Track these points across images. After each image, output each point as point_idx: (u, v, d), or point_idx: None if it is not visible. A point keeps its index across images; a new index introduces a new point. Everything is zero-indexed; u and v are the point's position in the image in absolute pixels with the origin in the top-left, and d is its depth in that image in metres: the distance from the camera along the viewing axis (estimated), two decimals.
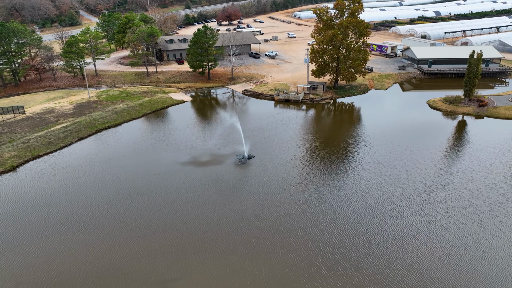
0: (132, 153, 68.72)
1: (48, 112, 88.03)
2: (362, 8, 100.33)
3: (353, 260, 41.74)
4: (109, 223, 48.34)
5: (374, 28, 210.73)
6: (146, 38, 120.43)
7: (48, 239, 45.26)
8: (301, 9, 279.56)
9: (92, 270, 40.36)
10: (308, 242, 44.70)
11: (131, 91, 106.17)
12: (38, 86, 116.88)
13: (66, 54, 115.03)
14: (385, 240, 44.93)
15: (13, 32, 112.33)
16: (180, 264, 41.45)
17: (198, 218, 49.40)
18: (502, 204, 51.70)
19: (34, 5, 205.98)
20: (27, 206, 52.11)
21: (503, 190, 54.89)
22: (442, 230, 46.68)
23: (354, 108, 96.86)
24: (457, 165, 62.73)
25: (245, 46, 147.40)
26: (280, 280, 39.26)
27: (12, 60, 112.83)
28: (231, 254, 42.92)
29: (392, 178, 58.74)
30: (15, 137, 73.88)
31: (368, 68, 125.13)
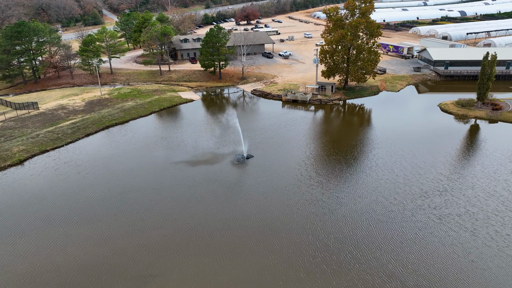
0: (133, 150, 70.26)
1: (60, 109, 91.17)
2: (373, 8, 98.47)
3: (334, 265, 41.27)
4: (99, 218, 49.65)
5: (394, 28, 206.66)
6: (159, 37, 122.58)
7: (38, 232, 46.91)
8: (321, 9, 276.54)
9: (76, 262, 41.67)
10: (291, 244, 44.50)
11: (142, 89, 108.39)
12: (56, 83, 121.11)
13: (82, 52, 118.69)
14: (370, 245, 44.15)
15: (33, 31, 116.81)
16: (162, 261, 42.15)
17: (185, 216, 50.05)
18: (500, 212, 49.77)
19: (59, 5, 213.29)
20: (23, 198, 54.21)
21: (504, 198, 52.81)
22: (431, 237, 45.44)
23: (362, 109, 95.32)
24: (459, 171, 60.78)
25: (258, 46, 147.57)
26: (256, 280, 39.30)
27: (32, 58, 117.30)
28: (213, 253, 43.27)
29: (389, 183, 57.56)
30: (26, 132, 76.94)
31: (381, 69, 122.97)
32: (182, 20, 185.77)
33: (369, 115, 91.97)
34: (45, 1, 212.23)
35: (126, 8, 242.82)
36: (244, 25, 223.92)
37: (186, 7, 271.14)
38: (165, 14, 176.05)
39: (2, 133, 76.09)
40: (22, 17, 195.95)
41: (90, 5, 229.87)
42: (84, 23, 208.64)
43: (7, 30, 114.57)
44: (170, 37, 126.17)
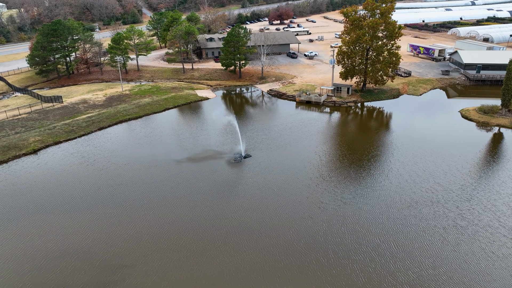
0: (136, 145, 73.06)
1: (82, 103, 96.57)
2: (393, 9, 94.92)
3: (295, 269, 40.82)
4: (86, 208, 52.27)
5: (432, 29, 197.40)
6: (183, 36, 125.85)
7: (25, 218, 50.16)
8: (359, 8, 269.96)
9: (54, 248, 44.38)
10: (260, 246, 44.51)
11: (162, 86, 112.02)
12: (86, 79, 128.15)
13: (111, 49, 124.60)
14: (339, 255, 43.01)
15: (68, 29, 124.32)
16: (136, 253, 43.75)
17: (168, 211, 51.47)
18: (493, 228, 46.62)
19: (102, 4, 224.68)
20: (22, 186, 58.18)
21: (501, 213, 49.38)
22: (405, 252, 43.52)
23: (376, 113, 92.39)
24: (459, 181, 57.44)
25: (283, 46, 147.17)
26: (216, 278, 39.83)
27: (66, 54, 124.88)
28: (185, 249, 44.28)
29: (379, 190, 55.69)
30: (45, 123, 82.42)
31: (406, 71, 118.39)
32: (214, 19, 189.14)
33: (383, 119, 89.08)
34: (90, 1, 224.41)
35: (164, 7, 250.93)
36: (277, 24, 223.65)
37: (222, 6, 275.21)
38: (197, 14, 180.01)
39: (25, 124, 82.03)
40: (67, 15, 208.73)
41: (131, 4, 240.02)
42: (123, 22, 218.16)
43: (44, 28, 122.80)
44: (194, 36, 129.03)
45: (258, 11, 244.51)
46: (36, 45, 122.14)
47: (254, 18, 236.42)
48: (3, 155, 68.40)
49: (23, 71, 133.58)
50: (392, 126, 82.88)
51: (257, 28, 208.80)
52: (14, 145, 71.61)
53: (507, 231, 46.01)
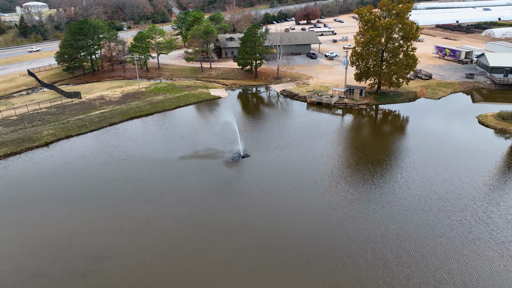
0: (140, 141, 75.23)
1: (99, 99, 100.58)
2: (409, 9, 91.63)
3: (266, 270, 40.73)
4: (79, 200, 54.50)
5: (465, 30, 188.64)
6: (202, 35, 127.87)
7: (22, 208, 52.93)
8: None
9: (41, 236, 46.72)
10: (235, 243, 44.75)
11: (177, 85, 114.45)
12: (109, 76, 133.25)
13: (133, 48, 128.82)
14: (302, 264, 42.46)
15: (93, 28, 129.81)
16: (116, 246, 45.25)
17: (154, 207, 52.65)
18: (479, 242, 44.23)
19: (133, 4, 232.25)
20: (28, 176, 61.67)
21: (494, 227, 46.72)
22: (382, 261, 42.25)
23: (387, 117, 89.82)
24: (458, 191, 54.81)
25: (304, 46, 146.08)
26: (194, 275, 40.49)
27: (91, 52, 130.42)
28: (163, 244, 45.29)
29: (365, 195, 54.31)
30: (60, 118, 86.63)
31: (427, 74, 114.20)
32: (239, 19, 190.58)
33: (393, 122, 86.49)
34: (122, 0, 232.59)
35: (193, 6, 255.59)
36: (304, 24, 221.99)
37: (251, 6, 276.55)
38: (221, 14, 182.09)
39: (42, 118, 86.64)
40: (101, 15, 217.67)
41: (161, 4, 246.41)
42: (153, 21, 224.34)
43: (72, 27, 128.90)
44: (213, 35, 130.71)
45: (286, 11, 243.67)
46: (64, 43, 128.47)
47: (281, 17, 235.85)
48: (17, 147, 72.70)
49: (53, 68, 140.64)
50: (401, 130, 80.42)
51: (283, 28, 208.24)
52: (28, 138, 75.88)
53: (496, 244, 43.57)
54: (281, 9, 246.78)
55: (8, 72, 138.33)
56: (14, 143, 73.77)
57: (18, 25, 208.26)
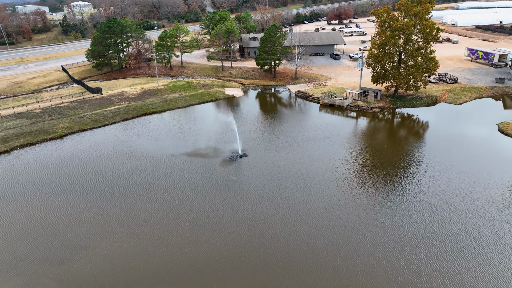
0: (145, 136, 77.56)
1: (118, 95, 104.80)
2: (429, 10, 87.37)
3: (228, 279, 40.87)
4: (73, 191, 57.21)
5: (508, 31, 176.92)
6: (223, 34, 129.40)
7: (19, 196, 56.43)
8: None
9: (29, 223, 49.62)
10: (208, 239, 45.20)
11: (195, 83, 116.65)
12: (135, 73, 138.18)
13: (157, 46, 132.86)
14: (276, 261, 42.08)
15: (121, 26, 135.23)
16: (98, 236, 47.21)
17: (141, 201, 54.23)
18: (451, 260, 41.74)
19: (168, 3, 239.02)
20: (35, 165, 65.55)
21: (478, 240, 43.83)
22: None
23: (400, 121, 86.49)
24: (454, 204, 51.86)
25: (328, 46, 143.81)
26: (167, 269, 41.52)
27: (118, 50, 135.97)
28: (143, 236, 46.67)
29: (348, 198, 52.74)
30: (78, 112, 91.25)
31: (453, 77, 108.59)
32: (268, 19, 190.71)
33: (405, 128, 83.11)
34: (158, 0, 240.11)
35: (227, 6, 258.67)
36: (335, 24, 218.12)
37: (285, 5, 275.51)
38: (251, 13, 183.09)
39: (62, 111, 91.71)
40: (137, 14, 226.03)
41: (195, 3, 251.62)
42: (186, 20, 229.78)
43: (101, 25, 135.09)
44: (234, 35, 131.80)
45: (318, 11, 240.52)
46: (94, 41, 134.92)
47: (313, 17, 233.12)
48: (33, 138, 77.50)
49: (85, 64, 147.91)
50: (409, 136, 77.21)
51: (313, 28, 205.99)
52: (45, 130, 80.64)
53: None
54: (313, 9, 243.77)
55: (45, 67, 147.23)
56: (31, 134, 78.73)
57: (61, 24, 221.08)
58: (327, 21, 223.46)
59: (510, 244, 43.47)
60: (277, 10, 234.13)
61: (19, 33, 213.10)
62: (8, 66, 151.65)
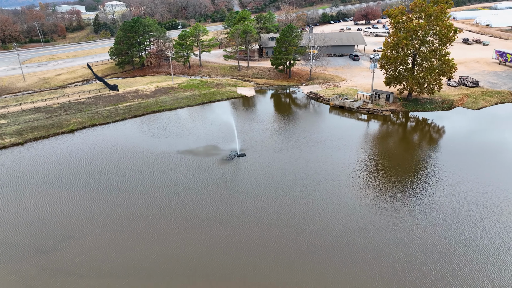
0: (150, 133, 79.47)
1: (132, 92, 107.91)
2: (444, 11, 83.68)
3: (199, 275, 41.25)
4: (70, 183, 59.61)
5: None
6: (240, 34, 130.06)
7: (19, 186, 59.58)
8: (462, 9, 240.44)
9: (23, 213, 52.18)
10: (194, 235, 45.81)
11: (208, 82, 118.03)
12: (155, 71, 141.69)
13: (176, 45, 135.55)
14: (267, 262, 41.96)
15: (143, 25, 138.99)
16: (88, 228, 48.91)
17: (134, 197, 55.74)
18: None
19: (196, 3, 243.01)
20: (41, 157, 68.75)
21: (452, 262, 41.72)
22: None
23: (409, 126, 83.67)
24: (449, 219, 49.69)
25: (347, 47, 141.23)
26: (139, 263, 42.61)
27: (139, 48, 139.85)
28: (126, 230, 48.03)
29: (334, 203, 51.60)
30: (92, 108, 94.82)
31: (474, 81, 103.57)
32: (292, 19, 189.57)
33: (410, 133, 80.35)
34: (186, 0, 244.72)
35: (254, 5, 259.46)
36: (362, 24, 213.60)
37: (312, 5, 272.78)
38: (274, 13, 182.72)
39: (77, 107, 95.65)
40: (165, 13, 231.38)
41: (223, 3, 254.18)
42: (213, 20, 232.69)
43: (124, 24, 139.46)
44: (252, 35, 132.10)
45: (345, 11, 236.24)
46: (117, 39, 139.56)
47: (340, 17, 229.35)
48: (46, 131, 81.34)
49: (109, 62, 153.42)
50: (412, 142, 74.64)
51: (338, 28, 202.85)
52: (58, 124, 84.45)
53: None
54: (340, 9, 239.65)
55: (72, 64, 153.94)
56: (45, 128, 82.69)
57: (94, 23, 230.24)
58: (353, 21, 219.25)
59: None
60: (303, 10, 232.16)
61: (54, 32, 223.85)
62: (40, 63, 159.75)
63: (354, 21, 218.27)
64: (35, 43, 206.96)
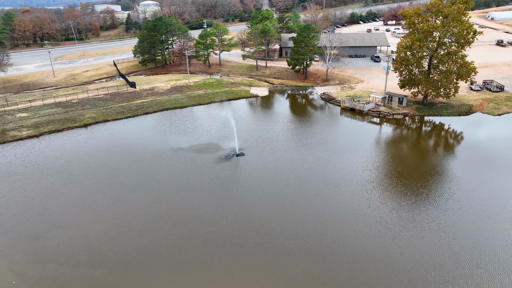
0: (156, 130, 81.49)
1: (148, 90, 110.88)
2: (462, 11, 79.61)
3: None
4: (67, 176, 62.24)
5: None
6: (259, 34, 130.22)
7: (20, 176, 62.82)
8: (503, 8, 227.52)
9: (19, 201, 55.11)
10: (182, 233, 46.66)
11: (224, 81, 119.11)
12: (176, 69, 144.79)
13: (196, 44, 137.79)
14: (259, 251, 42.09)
15: (166, 25, 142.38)
16: (78, 219, 51.05)
17: (126, 192, 57.44)
18: None
19: (224, 2, 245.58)
20: (49, 150, 72.16)
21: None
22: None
23: (419, 130, 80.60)
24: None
25: (369, 48, 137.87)
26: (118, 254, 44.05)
27: (161, 47, 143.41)
28: (112, 223, 49.68)
29: (322, 209, 50.59)
30: (107, 104, 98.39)
31: (499, 86, 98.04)
32: (317, 19, 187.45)
33: (419, 138, 77.27)
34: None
35: (283, 5, 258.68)
36: (392, 25, 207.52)
37: (345, 4, 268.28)
38: (299, 13, 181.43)
39: (94, 103, 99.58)
40: (193, 13, 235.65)
41: (251, 2, 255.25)
42: (240, 19, 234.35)
43: (148, 24, 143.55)
44: (270, 34, 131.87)
45: (376, 11, 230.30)
46: (140, 37, 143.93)
47: (370, 17, 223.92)
48: (61, 125, 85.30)
49: (134, 60, 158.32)
50: (417, 148, 71.83)
51: (366, 28, 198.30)
52: (73, 119, 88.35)
53: None
54: (370, 9, 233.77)
55: (100, 62, 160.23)
56: (60, 122, 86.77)
57: (125, 22, 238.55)
58: (383, 22, 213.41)
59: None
60: (331, 9, 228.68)
61: (89, 30, 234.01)
62: (71, 60, 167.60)
63: (383, 22, 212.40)
64: (71, 40, 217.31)
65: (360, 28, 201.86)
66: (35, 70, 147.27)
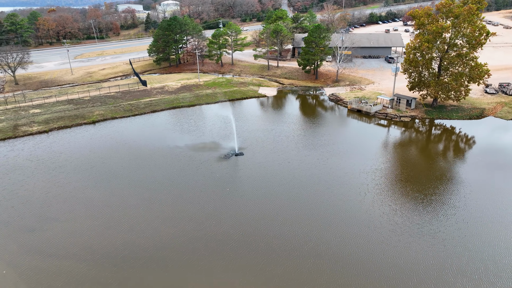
0: (160, 127, 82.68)
1: (158, 89, 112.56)
2: (473, 11, 76.97)
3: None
4: (66, 172, 64.00)
5: None
6: (271, 34, 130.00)
7: (23, 170, 65.10)
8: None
9: (18, 193, 57.09)
10: (173, 231, 47.32)
11: (233, 80, 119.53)
12: (189, 68, 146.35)
13: (209, 44, 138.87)
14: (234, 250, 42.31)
15: (180, 24, 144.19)
16: (70, 212, 52.59)
17: (121, 188, 58.58)
18: None
19: (243, 2, 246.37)
20: (57, 144, 74.34)
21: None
22: None
23: (425, 134, 78.57)
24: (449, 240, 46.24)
25: (384, 49, 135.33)
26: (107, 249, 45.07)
27: (175, 46, 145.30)
28: (106, 219, 50.81)
29: (312, 210, 50.03)
30: (117, 101, 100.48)
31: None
32: (334, 19, 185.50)
33: (423, 142, 75.26)
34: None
35: (302, 4, 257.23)
36: (411, 25, 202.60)
37: (364, 4, 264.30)
38: (315, 13, 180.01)
39: (104, 100, 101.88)
40: (211, 12, 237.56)
41: (270, 2, 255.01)
42: (258, 19, 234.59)
43: (162, 23, 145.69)
44: (283, 34, 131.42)
45: (396, 11, 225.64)
46: (155, 37, 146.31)
47: (389, 17, 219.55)
48: (70, 121, 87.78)
49: (150, 59, 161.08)
50: (420, 152, 69.82)
51: (384, 29, 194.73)
52: (82, 115, 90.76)
53: None
54: (390, 9, 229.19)
55: (117, 60, 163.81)
56: (70, 118, 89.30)
57: (145, 21, 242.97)
58: (403, 22, 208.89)
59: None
60: (350, 9, 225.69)
61: (110, 29, 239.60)
62: (90, 58, 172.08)
63: (403, 22, 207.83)
64: (92, 39, 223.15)
65: (378, 29, 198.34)
66: (54, 68, 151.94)
